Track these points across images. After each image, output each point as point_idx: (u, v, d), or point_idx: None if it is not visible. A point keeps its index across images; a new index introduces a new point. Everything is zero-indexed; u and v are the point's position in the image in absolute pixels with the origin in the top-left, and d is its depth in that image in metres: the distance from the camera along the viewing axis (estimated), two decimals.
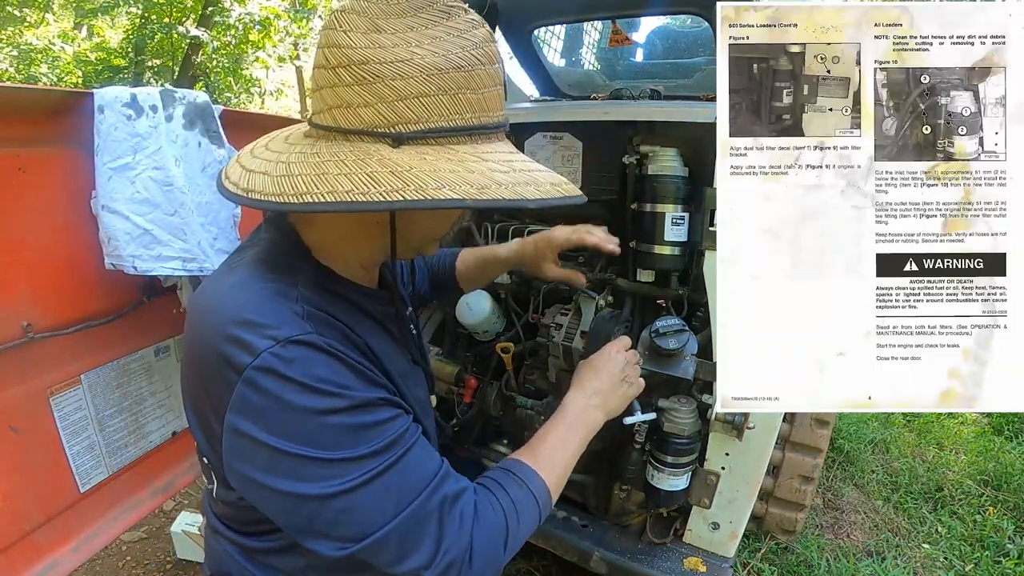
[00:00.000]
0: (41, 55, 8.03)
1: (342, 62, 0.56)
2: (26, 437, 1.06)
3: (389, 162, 0.55)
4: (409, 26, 0.57)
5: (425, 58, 0.55)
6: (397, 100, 0.56)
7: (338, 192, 0.53)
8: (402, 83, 0.55)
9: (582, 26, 2.30)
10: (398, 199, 0.52)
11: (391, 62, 0.55)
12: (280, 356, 0.55)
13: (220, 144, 1.27)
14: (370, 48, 0.56)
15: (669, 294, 1.27)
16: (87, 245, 1.10)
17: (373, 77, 0.55)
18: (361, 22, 0.57)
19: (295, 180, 0.56)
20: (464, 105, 0.58)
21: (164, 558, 1.75)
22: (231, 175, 0.63)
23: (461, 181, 0.55)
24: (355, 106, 0.57)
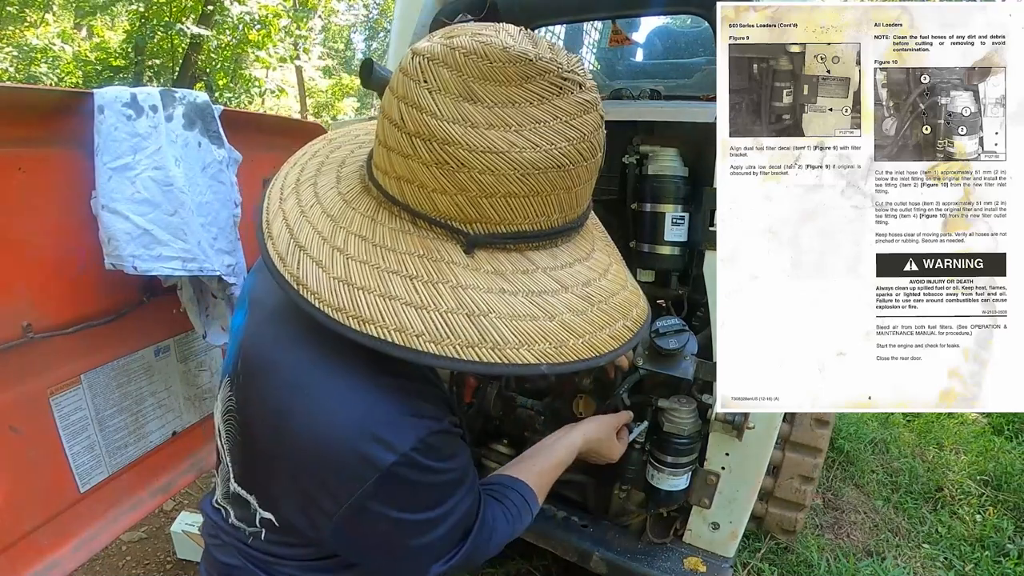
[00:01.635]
0: (41, 55, 8.03)
1: (421, 132, 0.47)
2: (26, 437, 1.06)
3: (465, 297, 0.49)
4: (510, 99, 0.47)
5: (523, 153, 0.47)
6: (481, 196, 0.48)
7: (407, 332, 0.47)
8: (491, 179, 0.47)
9: (582, 26, 2.30)
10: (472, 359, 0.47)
11: (482, 152, 0.46)
12: (420, 450, 0.56)
13: (220, 144, 1.27)
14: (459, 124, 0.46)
15: (669, 294, 1.27)
16: (87, 245, 1.10)
17: (458, 164, 0.47)
18: (453, 83, 0.47)
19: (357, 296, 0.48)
20: (553, 206, 0.51)
21: (164, 558, 1.75)
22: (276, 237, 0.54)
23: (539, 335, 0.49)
24: (429, 189, 0.49)
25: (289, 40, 8.93)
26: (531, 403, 1.39)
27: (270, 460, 0.63)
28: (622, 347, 0.54)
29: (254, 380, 0.63)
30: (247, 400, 0.65)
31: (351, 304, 0.48)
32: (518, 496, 0.78)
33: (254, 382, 0.63)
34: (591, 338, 0.51)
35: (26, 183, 1.00)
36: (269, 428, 0.61)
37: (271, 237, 0.55)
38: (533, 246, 0.53)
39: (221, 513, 0.74)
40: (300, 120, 1.83)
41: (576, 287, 0.54)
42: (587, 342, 0.51)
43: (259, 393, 0.62)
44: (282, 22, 8.36)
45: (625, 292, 0.59)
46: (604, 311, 0.54)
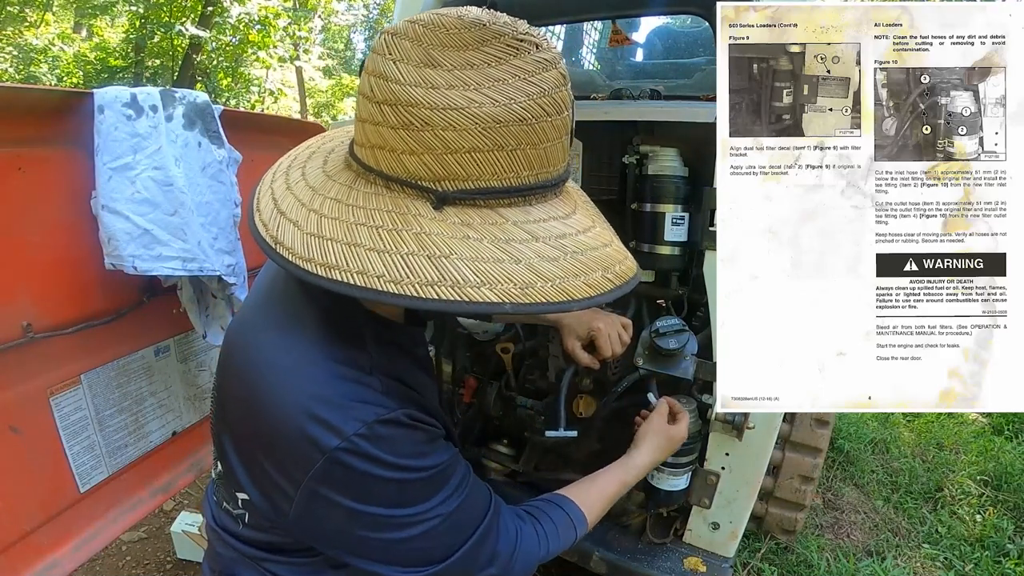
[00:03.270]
0: (41, 55, 8.03)
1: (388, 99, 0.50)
2: (26, 437, 1.06)
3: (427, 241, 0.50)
4: (469, 62, 0.49)
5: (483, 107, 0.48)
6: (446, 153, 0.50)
7: (369, 275, 0.48)
8: (454, 135, 0.49)
9: (582, 26, 2.30)
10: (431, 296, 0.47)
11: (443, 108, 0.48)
12: (367, 437, 0.56)
13: (220, 144, 1.27)
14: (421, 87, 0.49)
15: (669, 294, 1.27)
16: (87, 245, 1.10)
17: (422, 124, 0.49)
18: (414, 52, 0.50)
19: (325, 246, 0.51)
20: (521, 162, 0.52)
21: (164, 558, 1.75)
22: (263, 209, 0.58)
23: (502, 276, 0.49)
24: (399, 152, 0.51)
25: (289, 40, 8.93)
26: (531, 403, 1.39)
27: (240, 439, 0.65)
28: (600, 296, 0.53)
29: (230, 362, 0.66)
30: (224, 382, 0.68)
31: (320, 254, 0.51)
32: (563, 516, 0.78)
33: (230, 364, 0.66)
34: (562, 283, 0.51)
35: (26, 183, 1.00)
36: (238, 407, 0.64)
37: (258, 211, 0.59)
38: (504, 202, 0.53)
39: (216, 499, 0.75)
40: (300, 120, 1.83)
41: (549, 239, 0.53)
42: (557, 286, 0.51)
43: (232, 374, 0.65)
44: (282, 22, 8.36)
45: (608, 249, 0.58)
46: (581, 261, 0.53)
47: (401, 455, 0.58)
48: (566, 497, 0.82)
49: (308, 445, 0.55)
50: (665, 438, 0.96)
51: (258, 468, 0.62)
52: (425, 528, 0.61)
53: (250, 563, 0.70)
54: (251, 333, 0.65)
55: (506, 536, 0.69)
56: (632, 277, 0.58)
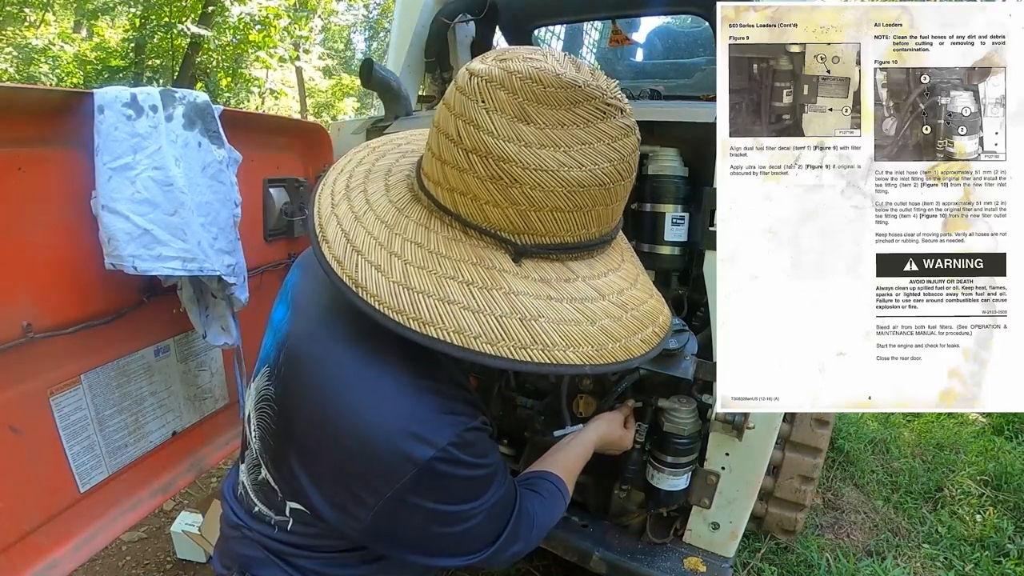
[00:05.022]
0: (41, 55, 8.03)
1: (478, 148, 0.51)
2: (26, 437, 1.06)
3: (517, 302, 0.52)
4: (559, 121, 0.51)
5: (571, 171, 0.51)
6: (530, 209, 0.52)
7: (466, 334, 0.50)
8: (540, 194, 0.51)
9: (582, 26, 2.30)
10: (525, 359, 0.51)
11: (535, 169, 0.50)
12: (458, 445, 0.59)
13: (220, 144, 1.27)
14: (513, 143, 0.50)
15: (669, 294, 1.27)
16: (87, 245, 1.10)
17: (511, 180, 0.51)
18: (509, 103, 0.50)
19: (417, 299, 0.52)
20: (593, 221, 0.56)
21: (164, 558, 1.75)
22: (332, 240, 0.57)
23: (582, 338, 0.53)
24: (482, 201, 0.53)
25: (289, 40, 8.93)
26: (531, 403, 1.39)
27: (309, 453, 0.64)
28: (651, 351, 0.58)
29: (298, 374, 0.65)
30: (288, 393, 0.67)
31: (411, 307, 0.51)
32: (550, 484, 0.85)
33: (298, 376, 0.65)
34: (626, 342, 0.56)
35: (26, 183, 1.00)
36: (311, 422, 0.63)
37: (326, 241, 0.58)
38: (573, 256, 0.57)
39: (243, 504, 0.75)
40: (300, 120, 1.83)
41: (612, 295, 0.58)
42: (623, 346, 0.55)
43: (303, 387, 0.65)
44: (282, 22, 8.36)
45: (652, 300, 0.63)
46: (636, 317, 0.59)
47: (479, 455, 0.62)
48: (547, 471, 0.89)
49: (401, 459, 0.57)
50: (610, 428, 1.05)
51: (333, 480, 0.62)
52: (483, 516, 0.65)
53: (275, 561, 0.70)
54: (322, 348, 0.65)
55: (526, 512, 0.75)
56: (670, 328, 0.63)
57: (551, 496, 0.84)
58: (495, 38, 1.89)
